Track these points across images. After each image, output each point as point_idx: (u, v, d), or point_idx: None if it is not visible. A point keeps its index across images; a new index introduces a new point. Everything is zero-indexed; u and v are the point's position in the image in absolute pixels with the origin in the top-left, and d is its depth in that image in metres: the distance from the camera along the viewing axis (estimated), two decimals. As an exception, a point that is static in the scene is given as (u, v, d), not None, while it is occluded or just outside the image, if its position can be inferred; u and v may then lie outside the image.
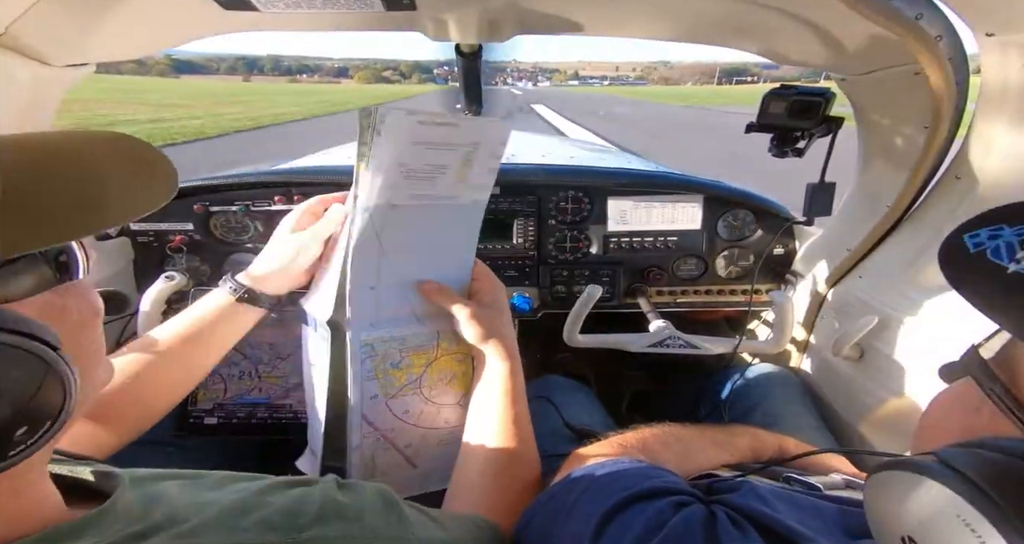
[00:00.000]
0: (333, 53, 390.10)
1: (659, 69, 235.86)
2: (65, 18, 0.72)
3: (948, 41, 0.68)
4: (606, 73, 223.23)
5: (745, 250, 1.27)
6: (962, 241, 0.36)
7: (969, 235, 0.36)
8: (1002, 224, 0.35)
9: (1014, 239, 0.34)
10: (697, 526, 0.44)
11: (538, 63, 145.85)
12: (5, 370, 0.28)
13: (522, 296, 1.24)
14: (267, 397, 0.99)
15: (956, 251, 0.36)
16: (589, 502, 0.50)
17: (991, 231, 0.35)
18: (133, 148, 0.39)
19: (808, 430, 0.99)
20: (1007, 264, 0.32)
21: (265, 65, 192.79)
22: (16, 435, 0.29)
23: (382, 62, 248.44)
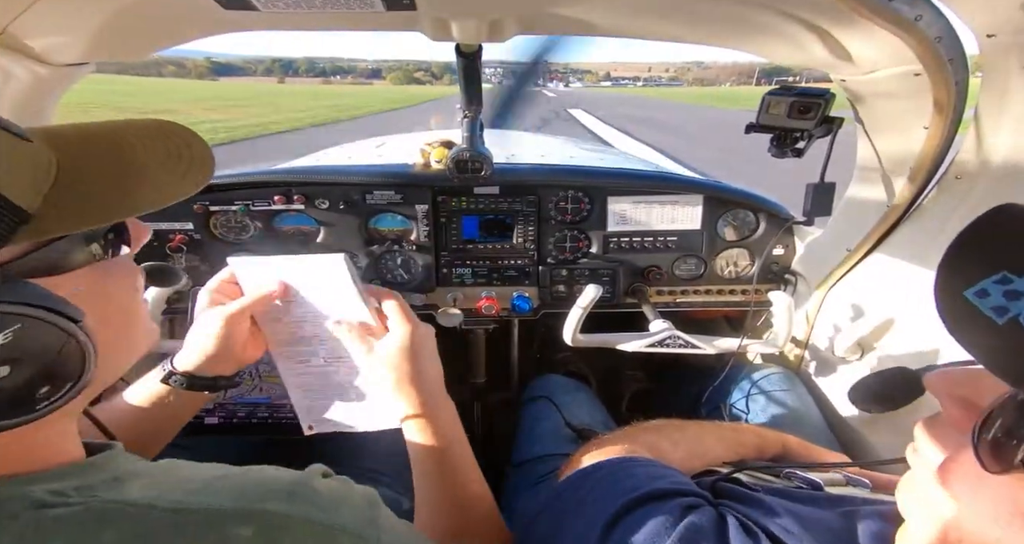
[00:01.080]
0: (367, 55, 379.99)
1: (693, 70, 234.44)
2: (64, 17, 0.72)
3: (948, 42, 0.68)
4: (638, 74, 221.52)
5: (745, 250, 1.27)
6: (966, 301, 0.28)
7: (973, 292, 0.28)
8: (1003, 271, 0.27)
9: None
10: (707, 530, 0.43)
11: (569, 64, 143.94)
12: (29, 338, 0.33)
13: (522, 296, 1.24)
14: (268, 397, 0.99)
15: (970, 318, 0.27)
16: (595, 503, 0.50)
17: (1000, 285, 0.27)
18: (175, 135, 0.44)
19: (808, 429, 0.99)
20: None
21: (300, 67, 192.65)
22: (39, 393, 0.34)
23: (414, 63, 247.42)
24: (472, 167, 1.10)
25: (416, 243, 1.22)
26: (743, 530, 0.44)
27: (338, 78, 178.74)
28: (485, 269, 1.25)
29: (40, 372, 0.33)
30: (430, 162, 1.21)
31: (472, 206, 1.21)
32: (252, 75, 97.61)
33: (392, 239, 1.22)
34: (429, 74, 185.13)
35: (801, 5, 0.70)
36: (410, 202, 1.19)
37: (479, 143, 1.11)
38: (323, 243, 1.21)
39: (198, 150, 0.45)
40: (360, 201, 1.18)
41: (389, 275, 1.24)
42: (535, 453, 0.96)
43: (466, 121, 1.10)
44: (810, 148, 0.99)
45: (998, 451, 0.28)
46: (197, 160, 0.44)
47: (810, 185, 1.03)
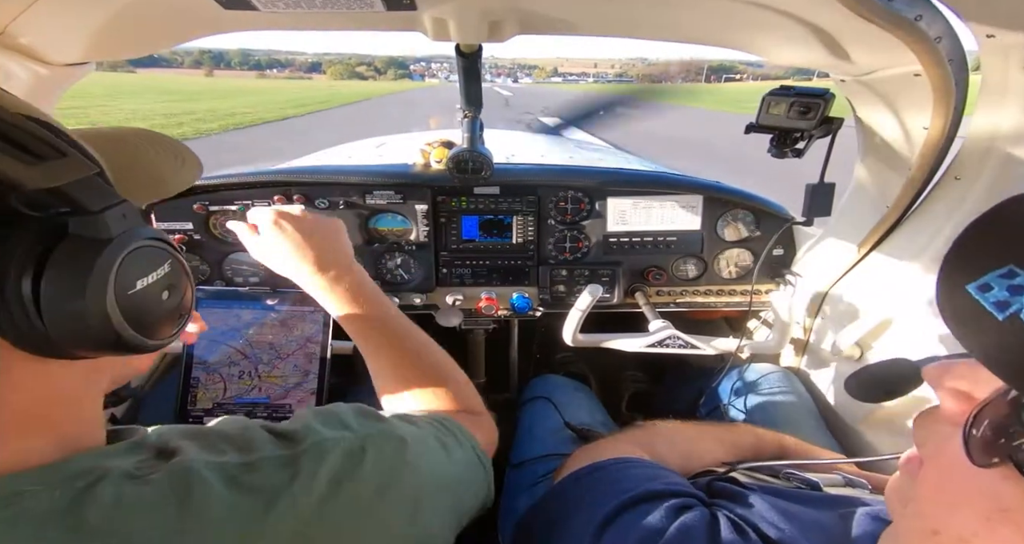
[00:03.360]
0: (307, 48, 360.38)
1: (638, 66, 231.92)
2: (64, 17, 0.72)
3: (948, 42, 0.68)
4: (585, 70, 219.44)
5: (745, 250, 1.27)
6: (968, 295, 0.27)
7: (976, 286, 0.27)
8: (1011, 264, 0.27)
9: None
10: (698, 531, 0.44)
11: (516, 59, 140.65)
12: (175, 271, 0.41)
13: (522, 296, 1.24)
14: (267, 397, 0.99)
15: (972, 313, 0.27)
16: (590, 504, 0.50)
17: (1005, 279, 0.26)
18: (164, 140, 0.51)
19: (808, 430, 0.99)
20: None
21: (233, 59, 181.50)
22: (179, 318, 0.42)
23: (356, 57, 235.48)
24: (472, 167, 1.10)
25: (416, 243, 1.22)
26: (735, 529, 0.44)
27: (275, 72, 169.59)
28: (485, 269, 1.25)
29: (181, 301, 0.41)
30: (430, 162, 1.21)
31: (472, 206, 1.21)
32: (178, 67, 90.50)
33: (392, 239, 1.22)
34: (372, 69, 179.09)
35: (801, 5, 0.70)
36: (410, 202, 1.19)
37: (479, 143, 1.11)
38: None
39: (182, 149, 0.53)
40: (360, 201, 1.18)
41: (389, 275, 1.24)
42: (534, 453, 0.96)
43: (466, 121, 1.10)
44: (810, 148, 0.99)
45: (986, 444, 0.28)
46: (187, 156, 0.53)
47: (809, 185, 1.03)
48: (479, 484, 0.54)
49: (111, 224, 0.34)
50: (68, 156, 0.34)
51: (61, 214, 0.33)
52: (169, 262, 0.40)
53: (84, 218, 0.33)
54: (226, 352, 0.99)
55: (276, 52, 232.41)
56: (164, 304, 0.39)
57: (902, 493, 0.36)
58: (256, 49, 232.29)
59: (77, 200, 0.33)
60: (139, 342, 0.37)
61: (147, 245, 0.38)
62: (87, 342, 0.34)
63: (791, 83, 0.94)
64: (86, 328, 0.33)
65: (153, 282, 0.38)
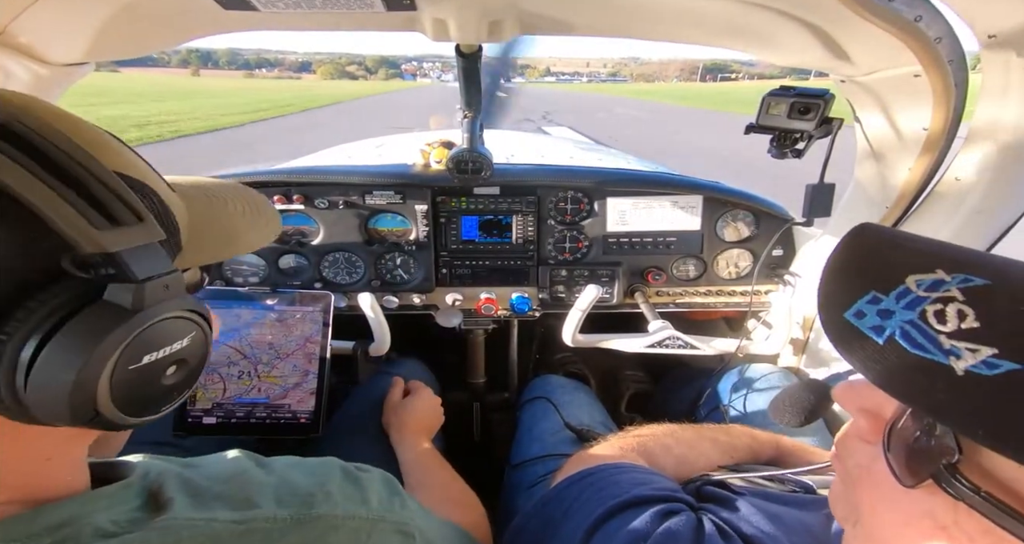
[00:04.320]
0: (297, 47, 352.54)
1: (630, 65, 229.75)
2: (64, 17, 0.72)
3: (948, 43, 0.68)
4: (578, 69, 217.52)
5: (744, 251, 1.27)
6: (848, 324, 0.29)
7: (851, 313, 0.29)
8: (872, 291, 0.29)
9: (911, 315, 0.27)
10: (683, 536, 0.44)
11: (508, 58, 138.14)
12: (195, 344, 0.38)
13: (522, 296, 1.24)
14: (266, 397, 0.99)
15: (857, 341, 0.28)
16: (579, 510, 0.50)
17: (871, 305, 0.29)
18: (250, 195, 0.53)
19: (808, 430, 0.99)
20: (945, 361, 0.25)
21: (221, 58, 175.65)
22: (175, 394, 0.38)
23: (347, 56, 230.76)
24: (472, 167, 1.10)
25: (416, 243, 1.22)
26: (719, 533, 0.44)
27: (263, 71, 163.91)
28: (485, 269, 1.25)
29: (187, 374, 0.38)
30: (430, 162, 1.21)
31: (472, 206, 1.21)
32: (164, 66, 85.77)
33: (392, 239, 1.22)
34: (363, 68, 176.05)
35: (801, 5, 0.70)
36: (410, 202, 1.19)
37: (479, 143, 1.11)
38: (323, 243, 1.21)
39: (269, 207, 0.55)
40: (360, 201, 1.18)
41: (389, 275, 1.24)
42: (534, 453, 0.96)
43: (466, 121, 1.10)
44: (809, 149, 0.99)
45: (907, 465, 0.29)
46: (270, 215, 0.54)
47: (809, 186, 1.03)
48: None
49: (148, 294, 0.32)
50: (143, 222, 0.33)
51: (104, 277, 0.31)
52: (191, 335, 0.37)
53: (124, 285, 0.32)
54: (225, 352, 0.99)
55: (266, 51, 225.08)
56: (164, 381, 0.36)
57: (843, 501, 0.36)
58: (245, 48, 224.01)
59: (126, 267, 0.32)
60: (119, 421, 0.33)
61: (173, 317, 0.35)
62: (62, 417, 0.31)
63: (791, 83, 0.94)
64: (66, 403, 0.30)
65: (162, 357, 0.35)
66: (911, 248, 0.31)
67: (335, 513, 0.41)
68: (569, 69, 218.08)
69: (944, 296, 0.27)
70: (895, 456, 0.29)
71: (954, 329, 0.26)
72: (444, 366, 1.35)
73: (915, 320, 0.27)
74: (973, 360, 0.25)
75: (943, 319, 0.27)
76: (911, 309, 0.28)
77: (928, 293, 0.28)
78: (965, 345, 0.25)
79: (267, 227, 0.53)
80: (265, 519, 0.38)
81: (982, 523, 0.26)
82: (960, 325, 0.26)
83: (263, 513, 0.38)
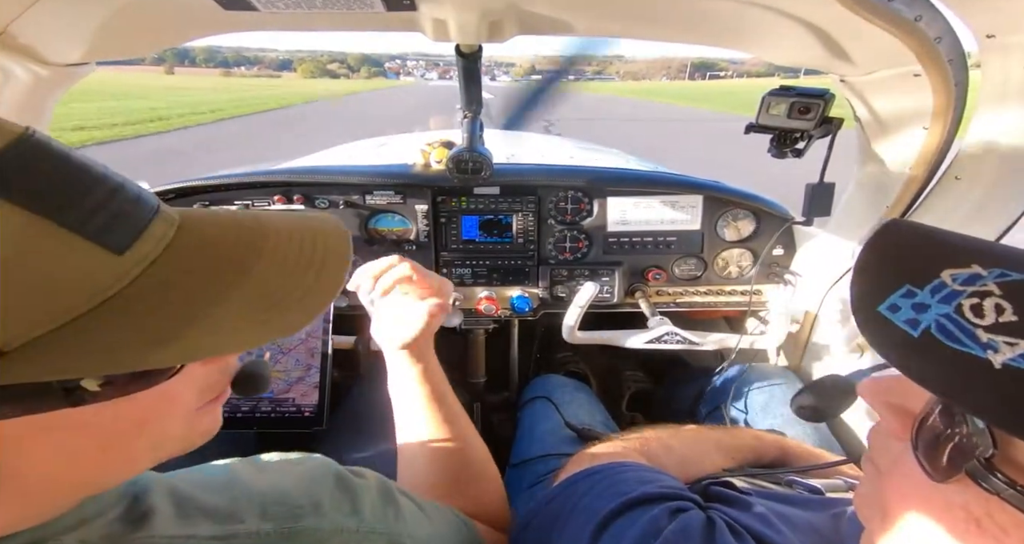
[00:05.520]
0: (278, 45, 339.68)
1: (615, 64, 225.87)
2: (65, 18, 0.72)
3: (948, 42, 0.68)
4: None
5: (745, 250, 1.27)
6: (882, 316, 0.29)
7: (886, 307, 0.29)
8: (906, 285, 0.29)
9: (946, 309, 0.27)
10: (695, 533, 0.43)
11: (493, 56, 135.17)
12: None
13: (522, 296, 1.24)
14: (271, 391, 0.99)
15: (890, 334, 0.28)
16: (586, 507, 0.50)
17: (906, 298, 0.29)
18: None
19: (808, 430, 0.99)
20: (982, 354, 0.25)
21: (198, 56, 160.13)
22: None
23: (329, 54, 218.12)
24: (472, 167, 1.10)
25: (416, 243, 1.22)
26: (731, 532, 0.44)
27: (242, 69, 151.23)
28: (485, 269, 1.25)
29: None
30: (430, 162, 1.21)
31: (472, 206, 1.21)
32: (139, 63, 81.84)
33: (392, 239, 1.22)
34: (345, 66, 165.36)
35: (801, 5, 0.70)
36: (410, 202, 1.19)
37: (479, 143, 1.11)
38: None
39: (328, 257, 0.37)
40: (360, 201, 1.18)
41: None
42: (535, 453, 0.96)
43: (466, 121, 1.10)
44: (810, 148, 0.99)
45: (938, 460, 0.28)
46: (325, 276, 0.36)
47: (809, 185, 1.03)
48: None
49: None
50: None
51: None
52: None
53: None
54: None
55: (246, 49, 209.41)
56: None
57: (869, 500, 0.36)
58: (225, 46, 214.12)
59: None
60: None
61: None
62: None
63: (786, 82, 0.94)
64: None
65: None
66: (945, 242, 0.31)
67: (322, 526, 0.39)
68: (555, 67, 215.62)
69: (981, 290, 0.27)
70: (924, 451, 0.29)
71: (992, 323, 0.26)
72: (444, 365, 1.35)
73: (951, 314, 0.27)
74: (1011, 354, 0.24)
75: (980, 313, 0.26)
76: (947, 303, 0.27)
77: (964, 287, 0.27)
78: (1003, 339, 0.25)
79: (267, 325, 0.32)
80: (247, 534, 0.37)
81: (1016, 516, 0.26)
82: (998, 319, 0.26)
83: (245, 528, 0.37)
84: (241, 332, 0.30)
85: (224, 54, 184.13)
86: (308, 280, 0.34)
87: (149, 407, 0.32)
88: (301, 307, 0.33)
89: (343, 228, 0.38)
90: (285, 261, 0.34)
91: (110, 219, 0.28)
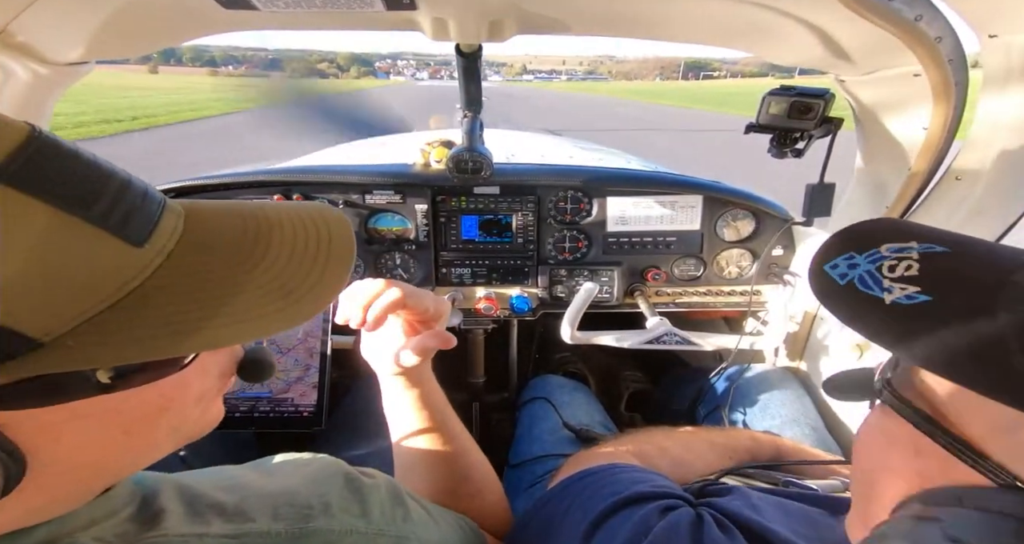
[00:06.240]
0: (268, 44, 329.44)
1: (606, 63, 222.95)
2: (65, 17, 0.72)
3: (948, 42, 0.68)
4: (554, 67, 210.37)
5: (744, 250, 1.27)
6: (824, 272, 0.36)
7: (829, 265, 0.36)
8: (851, 252, 0.36)
9: (870, 267, 0.34)
10: (683, 530, 0.44)
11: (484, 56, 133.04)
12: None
13: (521, 296, 1.24)
14: (269, 391, 0.99)
15: (825, 283, 0.35)
16: (580, 508, 0.50)
17: (846, 260, 0.35)
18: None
19: (807, 430, 0.99)
20: (880, 294, 0.32)
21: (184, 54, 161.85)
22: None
23: (318, 53, 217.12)
24: (472, 167, 1.10)
25: (415, 243, 1.22)
26: (719, 527, 0.44)
27: (230, 68, 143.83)
28: (484, 269, 1.25)
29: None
30: (430, 162, 1.21)
31: (472, 206, 1.21)
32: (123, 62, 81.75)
33: (391, 239, 1.22)
34: (334, 66, 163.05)
35: (801, 5, 0.70)
36: (410, 202, 1.19)
37: (479, 143, 1.11)
38: None
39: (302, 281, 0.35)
40: (360, 200, 1.18)
41: (388, 275, 1.24)
42: (533, 453, 0.96)
43: (466, 121, 1.10)
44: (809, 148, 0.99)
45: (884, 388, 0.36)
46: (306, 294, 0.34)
47: (809, 185, 1.03)
48: None
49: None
50: None
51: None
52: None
53: None
54: None
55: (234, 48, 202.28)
56: None
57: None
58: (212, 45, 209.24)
59: None
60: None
61: None
62: None
63: (784, 82, 0.94)
64: None
65: None
66: (903, 228, 0.36)
67: (332, 527, 0.40)
68: (546, 67, 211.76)
69: (904, 256, 0.34)
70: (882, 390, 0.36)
71: (898, 276, 0.33)
72: (443, 365, 1.34)
73: (872, 270, 0.34)
74: (900, 294, 0.32)
75: (893, 270, 0.33)
76: (873, 263, 0.34)
77: (893, 254, 0.34)
78: (900, 286, 0.32)
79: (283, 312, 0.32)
80: (259, 533, 0.37)
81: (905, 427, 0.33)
82: (904, 273, 0.33)
83: (257, 527, 0.37)
84: (259, 320, 0.31)
85: (212, 53, 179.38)
86: (318, 268, 0.35)
87: (169, 393, 0.34)
88: (313, 296, 0.34)
89: (344, 216, 0.39)
90: (294, 249, 0.35)
91: (127, 213, 0.29)
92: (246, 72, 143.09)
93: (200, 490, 0.39)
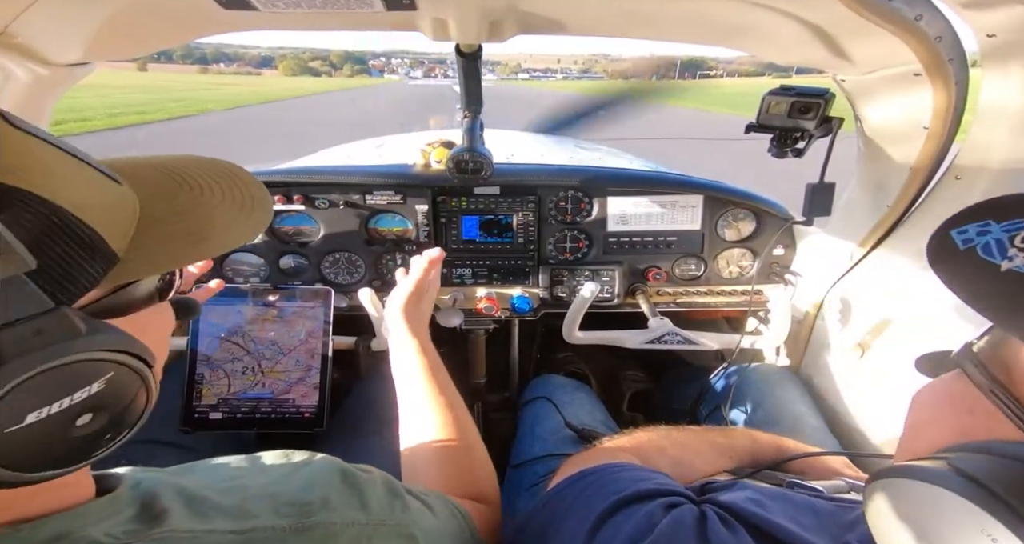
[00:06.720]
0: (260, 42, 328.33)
1: (601, 62, 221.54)
2: (65, 17, 0.72)
3: (948, 42, 0.68)
4: (549, 66, 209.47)
5: (745, 250, 1.27)
6: (949, 237, 0.35)
7: (957, 231, 0.35)
8: (988, 220, 0.34)
9: (1003, 235, 0.32)
10: (687, 527, 0.44)
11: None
12: (117, 386, 0.32)
13: (522, 296, 1.24)
14: (270, 392, 0.99)
15: (945, 248, 0.34)
16: (582, 507, 0.50)
17: (979, 227, 0.34)
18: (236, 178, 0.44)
19: (809, 430, 0.99)
20: (999, 261, 0.31)
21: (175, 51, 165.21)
22: (103, 439, 0.33)
23: (311, 52, 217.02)
24: (472, 167, 1.10)
25: (416, 243, 1.22)
26: (722, 522, 0.44)
27: (221, 66, 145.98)
28: (485, 269, 1.25)
29: (113, 419, 0.32)
30: (430, 162, 1.21)
31: (472, 206, 1.21)
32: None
33: (392, 239, 1.22)
34: (327, 64, 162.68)
35: (801, 5, 0.70)
36: (410, 202, 1.19)
37: (479, 143, 1.11)
38: (323, 243, 1.21)
39: (258, 192, 0.44)
40: (360, 201, 1.18)
41: (389, 275, 1.24)
42: (535, 453, 0.96)
43: (466, 121, 1.10)
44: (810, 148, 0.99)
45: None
46: (259, 202, 0.43)
47: (809, 185, 1.03)
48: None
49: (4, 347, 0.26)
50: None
51: None
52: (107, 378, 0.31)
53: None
54: (229, 349, 1.00)
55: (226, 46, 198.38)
56: (75, 432, 0.30)
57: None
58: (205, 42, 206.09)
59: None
60: (14, 479, 0.29)
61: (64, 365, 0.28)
62: None
63: (783, 82, 0.94)
64: None
65: (60, 410, 0.29)
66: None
67: (333, 520, 0.41)
68: (541, 66, 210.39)
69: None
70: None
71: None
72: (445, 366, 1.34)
73: (1003, 238, 0.32)
74: (1020, 262, 0.30)
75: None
76: (1008, 232, 0.32)
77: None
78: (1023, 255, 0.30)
79: (250, 219, 0.42)
80: (264, 528, 0.38)
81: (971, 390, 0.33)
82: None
83: (261, 522, 0.38)
84: (239, 227, 0.41)
85: (203, 50, 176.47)
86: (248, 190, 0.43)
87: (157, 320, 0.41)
88: (264, 207, 0.44)
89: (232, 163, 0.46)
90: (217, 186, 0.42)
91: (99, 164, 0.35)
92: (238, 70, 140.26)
93: (200, 493, 0.40)
